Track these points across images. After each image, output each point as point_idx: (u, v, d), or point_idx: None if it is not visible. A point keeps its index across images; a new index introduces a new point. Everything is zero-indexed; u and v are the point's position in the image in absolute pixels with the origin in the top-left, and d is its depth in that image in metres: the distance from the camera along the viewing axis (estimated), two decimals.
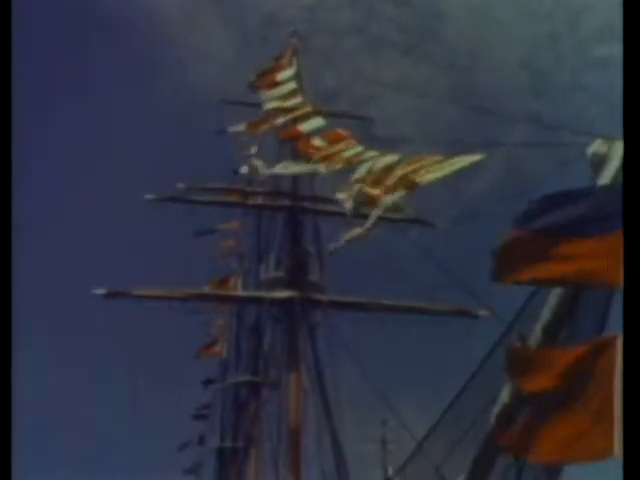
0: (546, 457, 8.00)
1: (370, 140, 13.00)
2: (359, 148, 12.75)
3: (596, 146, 7.74)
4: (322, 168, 12.78)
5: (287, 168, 16.02)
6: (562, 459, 7.96)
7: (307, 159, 14.50)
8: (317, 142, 14.61)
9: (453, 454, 10.71)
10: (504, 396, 9.48)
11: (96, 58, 73.33)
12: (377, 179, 11.64)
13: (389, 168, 11.50)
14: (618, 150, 7.61)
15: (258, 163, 21.90)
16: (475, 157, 10.03)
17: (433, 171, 10.57)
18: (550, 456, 7.90)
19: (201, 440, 44.70)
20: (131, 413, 38.85)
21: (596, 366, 7.27)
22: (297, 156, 20.27)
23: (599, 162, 7.73)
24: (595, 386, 7.24)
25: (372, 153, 12.10)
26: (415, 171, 10.87)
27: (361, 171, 12.06)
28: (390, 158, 11.57)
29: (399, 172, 11.17)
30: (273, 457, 24.56)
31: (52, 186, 74.77)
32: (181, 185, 26.40)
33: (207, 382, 42.91)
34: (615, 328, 7.60)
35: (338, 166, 12.30)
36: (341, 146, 13.37)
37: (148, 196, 25.99)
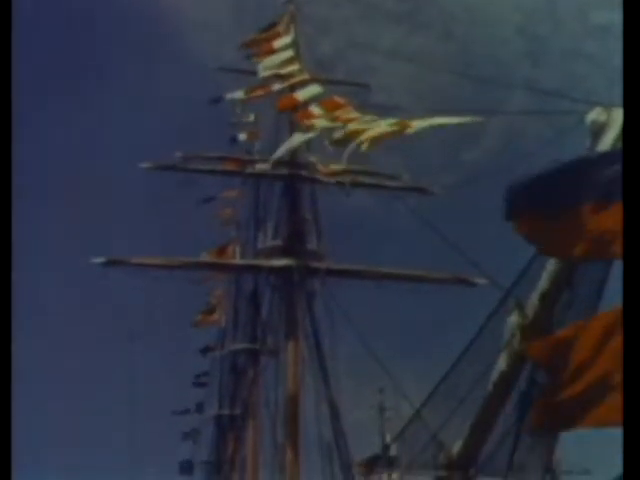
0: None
1: (366, 108, 12.91)
2: (356, 114, 12.68)
3: (595, 114, 7.73)
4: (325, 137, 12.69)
5: (292, 142, 15.92)
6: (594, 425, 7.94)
7: (304, 129, 14.42)
8: (314, 110, 14.54)
9: (451, 421, 10.78)
10: (501, 363, 9.54)
11: (93, 28, 72.83)
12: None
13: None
14: (617, 118, 7.60)
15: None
16: (469, 119, 9.97)
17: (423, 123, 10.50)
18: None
19: (199, 407, 44.97)
20: (130, 381, 39.13)
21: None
22: (294, 125, 20.23)
23: (598, 130, 7.72)
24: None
25: (368, 117, 12.02)
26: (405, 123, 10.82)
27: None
28: (387, 121, 11.51)
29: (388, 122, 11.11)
30: (271, 424, 24.73)
31: (52, 156, 74.50)
32: (179, 154, 26.31)
33: (205, 350, 43.10)
34: (613, 296, 7.63)
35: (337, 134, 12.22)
36: (338, 113, 13.30)
37: (146, 165, 25.92)
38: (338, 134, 11.90)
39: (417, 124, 10.55)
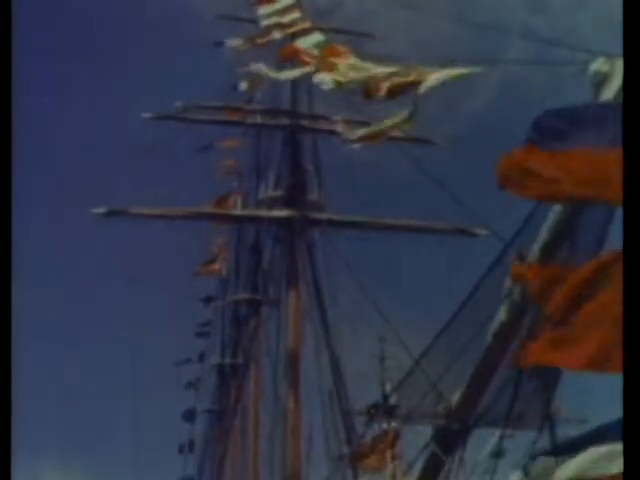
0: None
1: (366, 57, 12.76)
2: (356, 60, 12.54)
3: (598, 64, 7.65)
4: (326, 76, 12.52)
5: (292, 73, 15.74)
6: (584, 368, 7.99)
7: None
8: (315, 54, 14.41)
9: (450, 371, 10.85)
10: (502, 314, 9.57)
11: None
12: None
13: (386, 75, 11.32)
14: (620, 68, 7.53)
15: (261, 67, 21.54)
16: (474, 69, 9.88)
17: (430, 79, 10.40)
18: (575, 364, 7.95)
19: (201, 357, 45.26)
20: (131, 331, 39.38)
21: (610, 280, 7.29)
22: None
23: (601, 80, 7.65)
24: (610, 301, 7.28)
25: (368, 65, 11.90)
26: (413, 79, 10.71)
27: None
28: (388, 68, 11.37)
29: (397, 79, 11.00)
30: (272, 373, 24.92)
31: (51, 105, 74.12)
32: (179, 103, 26.16)
33: (207, 300, 43.27)
34: (614, 246, 7.61)
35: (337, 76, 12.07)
36: (339, 59, 13.16)
37: (146, 114, 25.79)
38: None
39: (433, 77, 10.42)
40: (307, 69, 13.29)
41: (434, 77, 10.27)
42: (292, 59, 16.60)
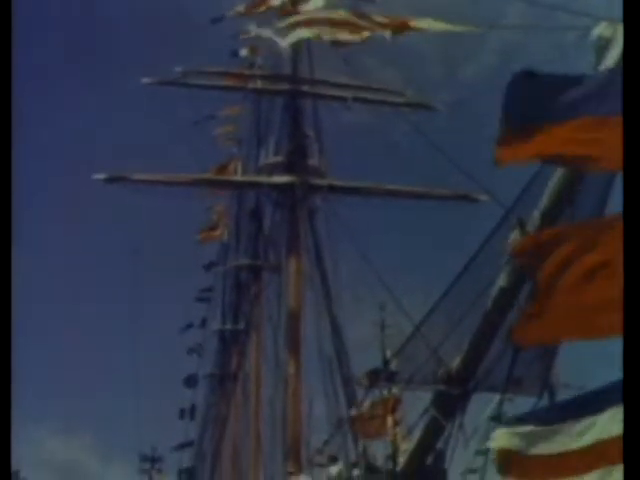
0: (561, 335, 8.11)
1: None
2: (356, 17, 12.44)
3: (601, 29, 7.59)
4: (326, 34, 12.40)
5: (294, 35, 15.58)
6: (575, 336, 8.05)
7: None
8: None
9: (450, 337, 10.90)
10: (502, 280, 9.59)
11: None
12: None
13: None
14: (622, 33, 7.48)
15: (263, 31, 21.37)
16: (468, 27, 9.81)
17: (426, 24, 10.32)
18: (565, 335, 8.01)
19: (203, 322, 45.43)
20: (133, 299, 39.51)
21: (605, 244, 7.31)
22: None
23: (603, 45, 7.59)
24: (604, 270, 7.30)
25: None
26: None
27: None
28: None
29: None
30: (273, 339, 24.99)
31: (51, 73, 73.75)
32: (179, 69, 26.01)
33: (209, 266, 43.35)
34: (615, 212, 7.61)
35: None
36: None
37: (146, 80, 25.65)
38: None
39: (417, 23, 10.34)
40: (308, 33, 13.19)
41: (427, 22, 10.22)
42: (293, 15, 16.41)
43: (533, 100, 7.32)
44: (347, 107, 24.57)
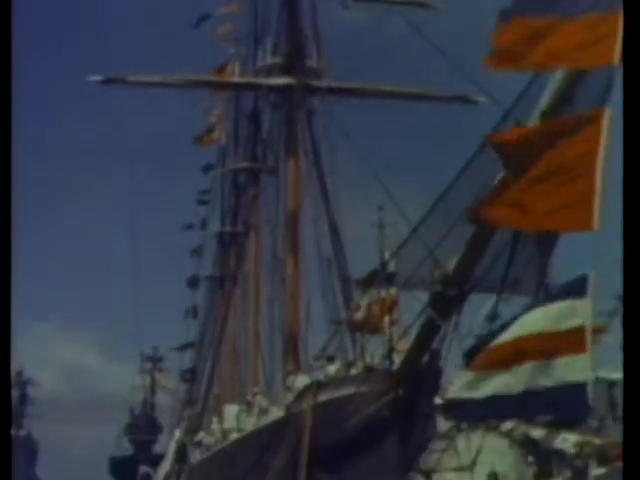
0: (534, 225, 8.25)
1: None
2: None
3: None
4: None
5: None
6: (548, 227, 8.20)
7: None
8: None
9: (447, 237, 10.96)
10: (498, 181, 9.62)
11: None
12: None
13: None
14: None
15: None
16: None
17: None
18: (538, 224, 8.14)
19: (203, 224, 45.72)
20: (132, 205, 39.58)
21: (581, 139, 7.35)
22: None
23: None
24: (580, 162, 7.35)
25: None
26: None
27: None
28: None
29: None
30: (272, 240, 25.12)
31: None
32: None
33: (207, 168, 43.32)
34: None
35: None
36: None
37: None
38: None
39: None
40: None
41: None
42: None
43: None
44: (345, 6, 24.18)
